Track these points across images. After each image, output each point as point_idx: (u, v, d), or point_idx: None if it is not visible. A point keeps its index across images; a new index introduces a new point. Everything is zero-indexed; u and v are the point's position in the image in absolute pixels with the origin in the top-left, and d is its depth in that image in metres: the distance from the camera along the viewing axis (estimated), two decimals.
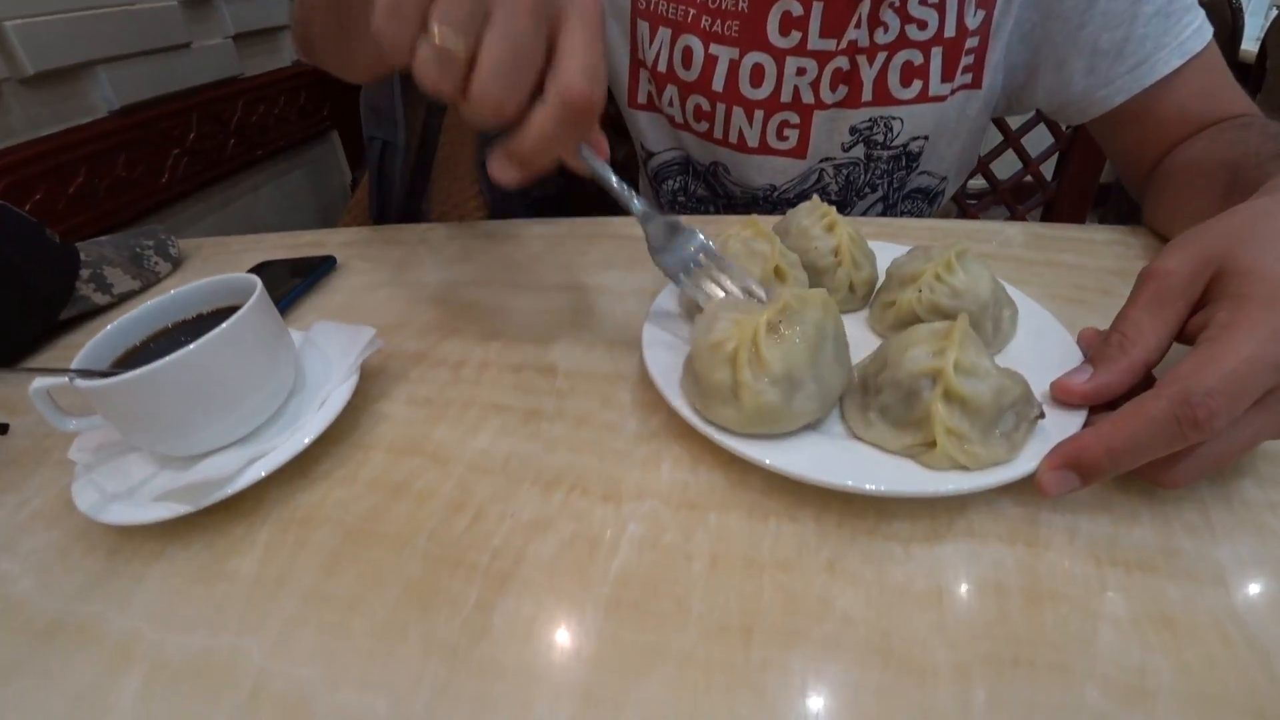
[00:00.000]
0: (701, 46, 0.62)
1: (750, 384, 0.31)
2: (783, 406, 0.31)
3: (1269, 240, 0.30)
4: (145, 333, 0.38)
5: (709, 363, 0.32)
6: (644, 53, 0.65)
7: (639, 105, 0.70)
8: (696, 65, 0.62)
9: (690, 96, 0.65)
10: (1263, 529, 0.29)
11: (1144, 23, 0.53)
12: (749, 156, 0.66)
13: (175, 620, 0.29)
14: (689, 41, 0.62)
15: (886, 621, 0.26)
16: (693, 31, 0.61)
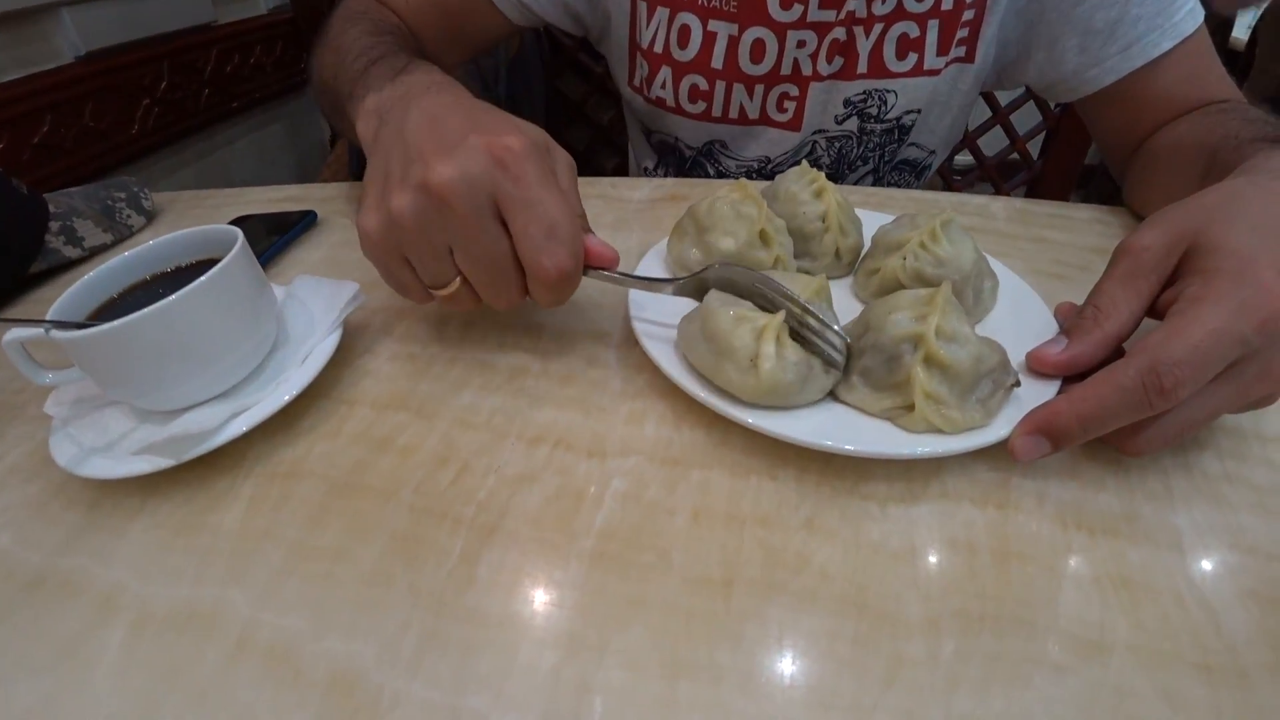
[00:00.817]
0: (700, 24, 0.61)
1: (771, 357, 0.31)
2: (796, 387, 0.31)
3: (1238, 219, 0.31)
4: (123, 284, 0.37)
5: (732, 326, 0.32)
6: (639, 34, 0.64)
7: (635, 87, 0.69)
8: (694, 44, 0.62)
9: (685, 77, 0.64)
10: (1219, 499, 0.31)
11: (1138, 3, 0.53)
12: (748, 128, 0.66)
13: (159, 572, 0.29)
14: (687, 20, 0.61)
15: (862, 576, 0.27)
16: (690, 9, 0.60)
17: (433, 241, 0.33)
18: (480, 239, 0.32)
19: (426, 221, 0.32)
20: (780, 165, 0.69)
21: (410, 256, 0.34)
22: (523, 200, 0.32)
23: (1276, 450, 0.33)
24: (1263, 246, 0.29)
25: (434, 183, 0.31)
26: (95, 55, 0.96)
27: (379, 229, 0.33)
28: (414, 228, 0.32)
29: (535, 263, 0.32)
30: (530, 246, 0.32)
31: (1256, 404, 0.30)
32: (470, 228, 0.32)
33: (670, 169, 0.76)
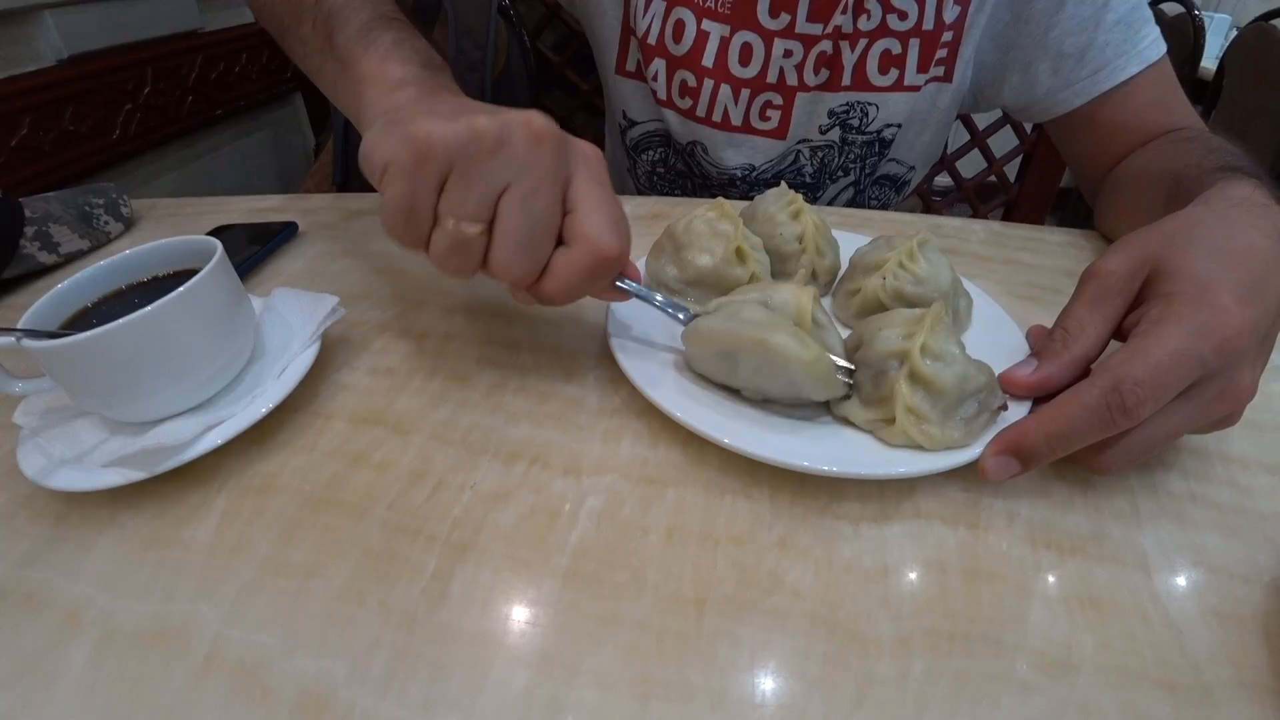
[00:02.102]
0: (694, 20, 0.62)
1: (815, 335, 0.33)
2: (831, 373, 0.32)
3: (1198, 245, 0.32)
4: (98, 293, 0.37)
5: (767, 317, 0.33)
6: (635, 21, 0.65)
7: (626, 73, 0.69)
8: (688, 39, 0.63)
9: (678, 71, 0.65)
10: (1183, 518, 0.32)
11: (1106, 30, 0.55)
12: (730, 134, 0.67)
13: (127, 587, 0.28)
14: (682, 14, 0.62)
15: (833, 596, 0.28)
16: (687, 4, 0.62)
17: (498, 169, 0.30)
18: (546, 191, 0.31)
19: (507, 147, 0.30)
20: (764, 173, 0.70)
21: (456, 178, 0.30)
22: (600, 184, 0.32)
23: (1240, 471, 0.34)
24: (1220, 271, 0.30)
25: (534, 122, 0.30)
26: (78, 59, 0.95)
27: (451, 136, 0.29)
28: (491, 148, 0.29)
29: (599, 237, 0.31)
30: (600, 220, 0.32)
31: (1218, 424, 0.32)
32: (545, 174, 0.31)
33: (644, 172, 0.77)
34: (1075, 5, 0.56)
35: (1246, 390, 0.30)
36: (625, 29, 0.67)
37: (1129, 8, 0.55)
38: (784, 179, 0.69)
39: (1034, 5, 0.57)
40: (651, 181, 0.77)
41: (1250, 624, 0.27)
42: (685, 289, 0.41)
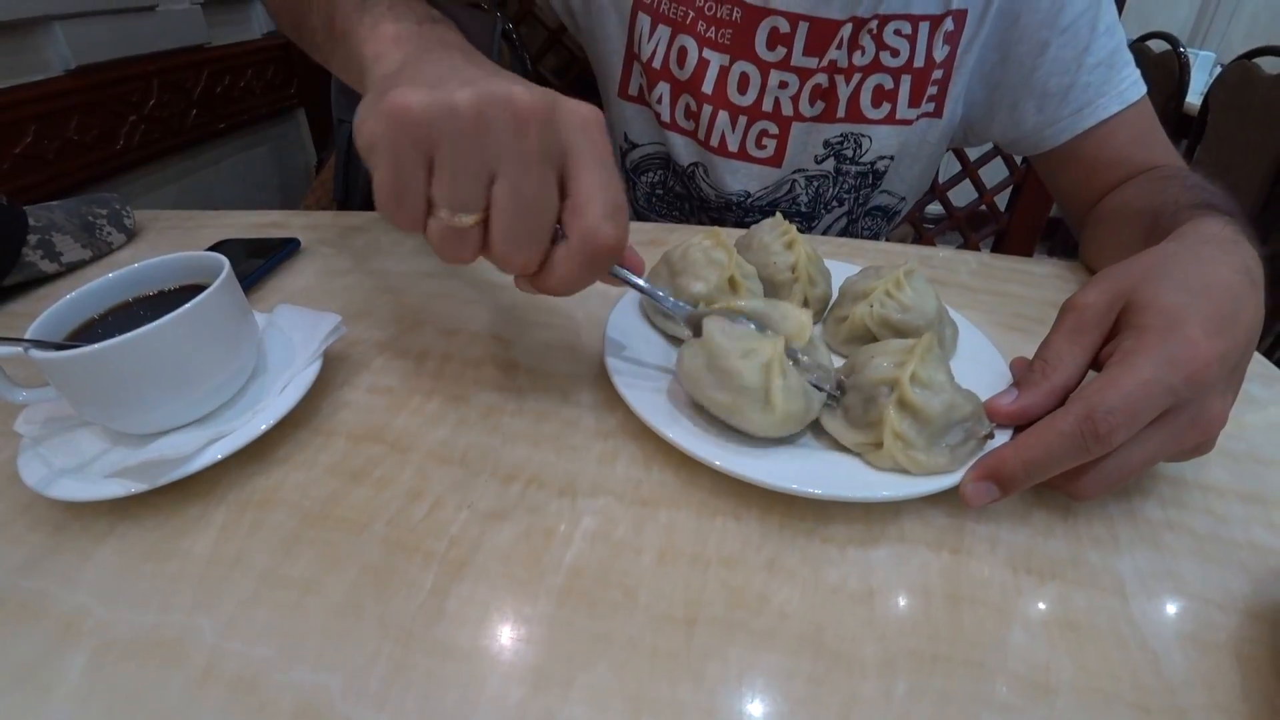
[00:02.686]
0: (696, 48, 0.64)
1: (781, 390, 0.33)
2: (805, 411, 0.33)
3: (1169, 279, 0.34)
4: (105, 305, 0.37)
5: (743, 366, 0.33)
6: (640, 47, 0.67)
7: (629, 97, 0.71)
8: (690, 65, 0.65)
9: (681, 95, 0.67)
10: (1160, 545, 0.33)
11: (1088, 71, 0.58)
12: (728, 160, 0.69)
13: (125, 597, 0.29)
14: (685, 42, 0.64)
15: (820, 617, 0.28)
16: (690, 33, 0.64)
17: (482, 155, 0.28)
18: (538, 177, 0.29)
19: (488, 130, 0.27)
20: (760, 200, 0.72)
21: (441, 159, 0.28)
22: (599, 163, 0.29)
23: (1216, 499, 0.36)
24: (1191, 305, 0.32)
25: (518, 97, 0.27)
26: (85, 69, 0.96)
27: (427, 109, 0.27)
28: (473, 126, 0.27)
29: (597, 227, 0.29)
30: (598, 208, 0.29)
31: (1192, 452, 0.33)
32: (534, 160, 0.28)
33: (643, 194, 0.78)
34: (1058, 48, 0.58)
35: (1217, 419, 0.31)
36: (629, 53, 0.68)
37: (1109, 50, 0.58)
38: (779, 207, 0.71)
39: (1019, 47, 0.60)
40: (650, 203, 0.79)
41: (1224, 649, 0.28)
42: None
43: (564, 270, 0.31)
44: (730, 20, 0.63)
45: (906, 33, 0.61)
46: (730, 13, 0.62)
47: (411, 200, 0.29)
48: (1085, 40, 0.58)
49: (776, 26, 0.62)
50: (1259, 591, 0.31)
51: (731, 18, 0.63)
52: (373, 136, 0.28)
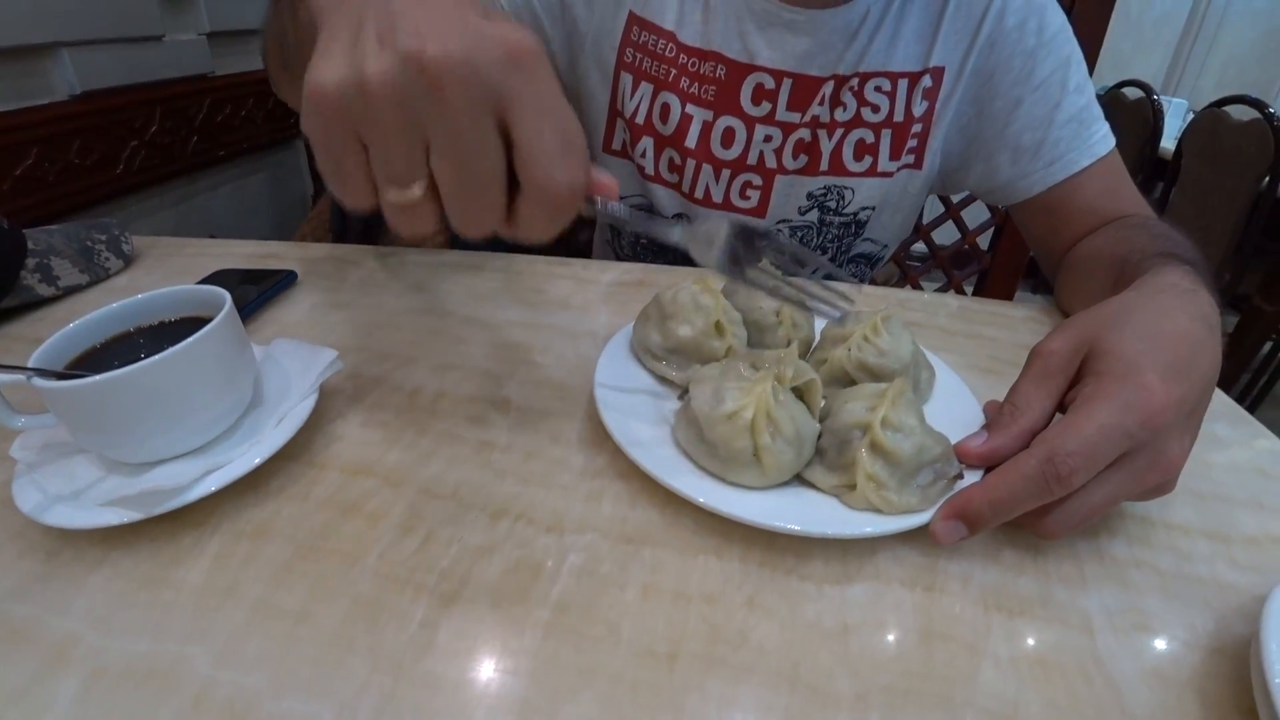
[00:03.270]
0: (679, 104, 0.66)
1: (771, 447, 0.34)
2: (796, 461, 0.35)
3: (1128, 327, 0.35)
4: (105, 334, 0.38)
5: (728, 432, 0.34)
6: (623, 104, 0.69)
7: (613, 151, 0.73)
8: (673, 121, 0.66)
9: (665, 150, 0.69)
10: (1127, 582, 0.34)
11: (1059, 127, 0.61)
12: (712, 211, 0.70)
13: (117, 625, 0.29)
14: (668, 98, 0.66)
15: (797, 653, 0.29)
16: (673, 90, 0.66)
17: (407, 128, 0.26)
18: (473, 140, 0.26)
19: (407, 101, 0.25)
20: None
21: (369, 139, 0.26)
22: (537, 106, 0.26)
23: (1181, 537, 0.37)
24: (1148, 352, 0.33)
25: (430, 56, 0.24)
26: (90, 95, 0.98)
27: (341, 88, 0.25)
28: (388, 102, 0.25)
29: (548, 178, 0.27)
30: (544, 158, 0.27)
31: (1153, 492, 0.34)
32: (463, 123, 0.25)
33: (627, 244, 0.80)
34: (1031, 104, 0.61)
35: (1175, 461, 0.33)
36: (612, 110, 0.70)
37: (1080, 107, 0.61)
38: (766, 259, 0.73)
39: (994, 103, 0.63)
40: (635, 252, 0.80)
41: (1187, 685, 0.29)
42: (667, 355, 0.44)
43: (529, 222, 0.29)
44: (714, 77, 0.65)
45: (886, 89, 0.64)
46: (714, 69, 0.64)
47: (355, 181, 0.27)
48: (1056, 98, 0.61)
49: (761, 82, 0.64)
50: (1222, 628, 0.32)
51: (715, 74, 0.65)
52: (305, 120, 0.27)
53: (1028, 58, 0.61)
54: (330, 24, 0.27)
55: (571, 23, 0.67)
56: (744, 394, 0.35)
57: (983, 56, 0.63)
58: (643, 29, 0.65)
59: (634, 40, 0.65)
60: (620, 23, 0.65)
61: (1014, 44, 0.62)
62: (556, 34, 0.68)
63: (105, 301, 0.38)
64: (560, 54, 0.70)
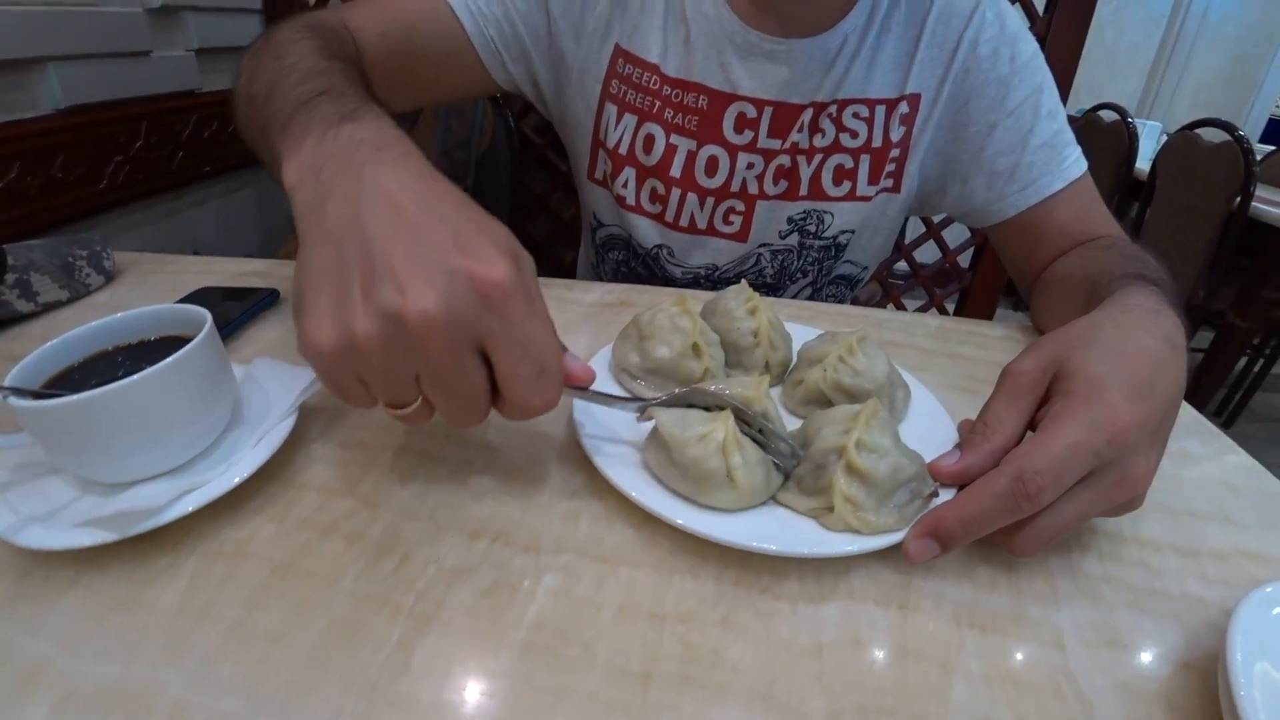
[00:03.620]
0: (664, 135, 0.67)
1: (743, 466, 0.35)
2: (766, 483, 0.35)
3: (1095, 347, 0.36)
4: (84, 353, 0.38)
5: (700, 453, 0.35)
6: (605, 134, 0.69)
7: (595, 180, 0.74)
8: (658, 152, 0.68)
9: (647, 180, 0.70)
10: (1098, 598, 0.35)
11: (1033, 152, 0.63)
12: (695, 236, 0.71)
13: (89, 648, 0.29)
14: (652, 129, 0.67)
15: (770, 672, 0.30)
16: (657, 121, 0.67)
17: (400, 370, 0.30)
18: (456, 374, 0.30)
19: (395, 352, 0.28)
20: (727, 272, 0.74)
21: (366, 378, 0.30)
22: (512, 341, 0.30)
23: (1152, 553, 0.38)
24: (1113, 372, 0.34)
25: (411, 315, 0.27)
26: (76, 110, 0.98)
27: (336, 350, 0.29)
28: (381, 356, 0.28)
29: (525, 402, 0.31)
30: (521, 387, 0.31)
31: (1121, 508, 0.35)
32: (447, 365, 0.29)
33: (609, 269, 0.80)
34: (1005, 130, 0.63)
35: (1142, 478, 0.34)
36: (595, 140, 0.71)
37: (1053, 132, 0.63)
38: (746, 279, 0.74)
39: (969, 128, 0.65)
40: (617, 278, 0.81)
41: (1157, 698, 0.30)
42: (645, 375, 0.45)
43: (511, 418, 0.33)
44: (697, 107, 0.66)
45: (864, 116, 0.65)
46: (697, 100, 0.66)
47: (360, 399, 0.32)
48: (1030, 123, 0.63)
49: (743, 111, 0.66)
50: (1191, 642, 0.32)
51: (698, 105, 0.66)
52: (304, 357, 0.30)
53: (1001, 85, 0.63)
54: (312, 253, 0.30)
55: (559, 54, 0.68)
56: (711, 421, 0.36)
57: (958, 83, 0.65)
58: (628, 62, 0.66)
59: (619, 73, 0.67)
60: (606, 56, 0.66)
61: (988, 71, 0.63)
62: (543, 66, 0.69)
63: (85, 318, 0.38)
64: (547, 86, 0.71)
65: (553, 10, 0.65)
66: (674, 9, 0.65)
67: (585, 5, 0.65)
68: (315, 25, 0.52)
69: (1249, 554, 0.39)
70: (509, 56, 0.67)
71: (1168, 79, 3.30)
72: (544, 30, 0.66)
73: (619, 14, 0.65)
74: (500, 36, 0.65)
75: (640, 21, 0.65)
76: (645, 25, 0.65)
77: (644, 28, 0.65)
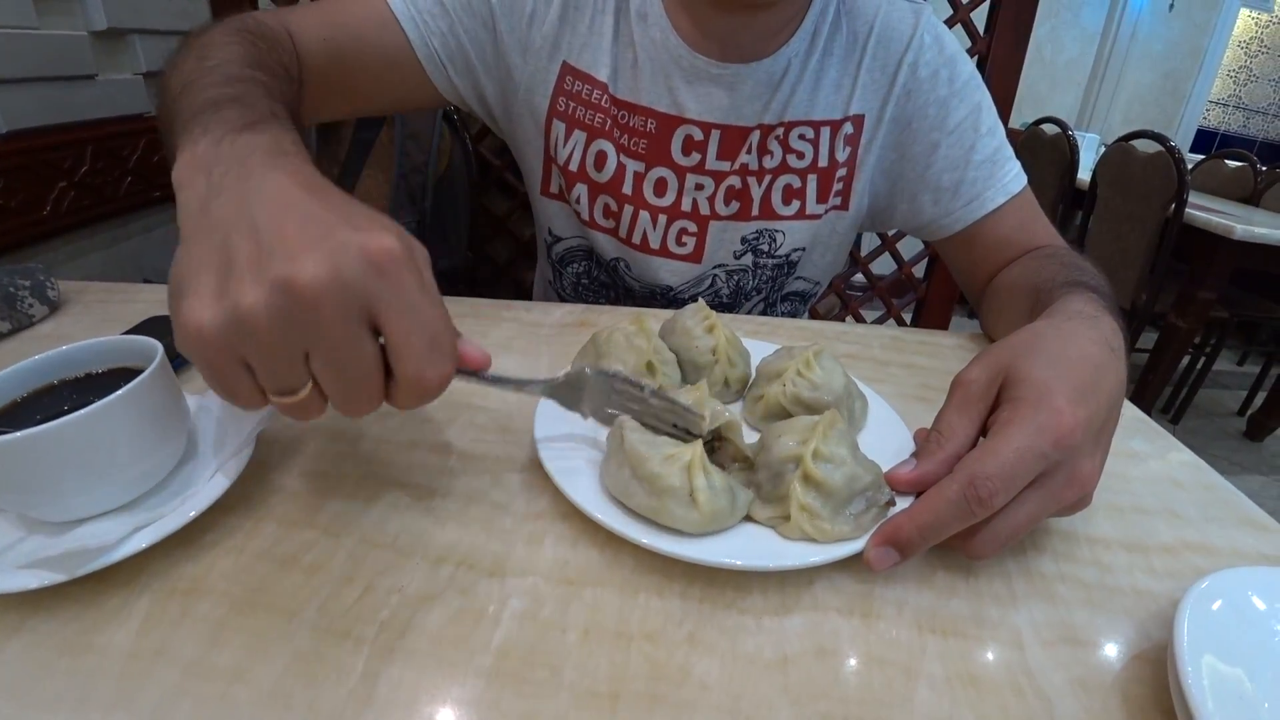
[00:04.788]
0: (615, 153, 0.68)
1: (705, 489, 0.34)
2: (729, 510, 0.35)
3: (1039, 354, 0.38)
4: (27, 387, 0.37)
5: (665, 470, 0.35)
6: (556, 151, 0.70)
7: (550, 194, 0.74)
8: (609, 169, 0.68)
9: (600, 196, 0.70)
10: (1054, 597, 0.36)
11: (975, 168, 0.65)
12: (649, 257, 0.72)
13: (35, 696, 0.28)
14: (603, 146, 0.68)
15: (737, 686, 0.30)
16: (607, 138, 0.67)
17: (288, 346, 0.28)
18: (349, 347, 0.29)
19: (285, 325, 0.27)
20: (682, 292, 0.75)
21: (253, 360, 0.28)
22: (403, 308, 0.29)
23: (1103, 550, 0.39)
24: (1057, 378, 0.36)
25: (301, 281, 0.26)
26: (16, 135, 0.95)
27: (218, 327, 0.27)
28: (267, 330, 0.27)
29: (418, 374, 0.30)
30: (413, 358, 0.30)
31: (1072, 508, 0.36)
32: (339, 336, 0.28)
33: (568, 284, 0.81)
34: (947, 148, 0.66)
35: (1089, 477, 0.35)
36: (547, 156, 0.71)
37: (993, 149, 0.66)
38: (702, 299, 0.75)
39: (913, 147, 0.67)
40: (576, 292, 0.81)
41: (1112, 690, 0.31)
42: None
43: (404, 403, 0.32)
44: (645, 130, 0.67)
45: (810, 137, 0.67)
46: (645, 124, 0.67)
47: (244, 395, 0.30)
48: (970, 140, 0.65)
49: (690, 134, 0.67)
50: (1142, 634, 0.34)
51: (646, 128, 0.67)
52: (182, 348, 0.28)
53: (941, 105, 0.66)
54: (193, 245, 0.29)
55: (505, 70, 0.68)
56: (679, 445, 0.37)
57: (899, 105, 0.67)
58: (576, 78, 0.67)
59: (567, 89, 0.67)
60: (554, 73, 0.67)
61: (928, 92, 0.66)
62: (489, 81, 0.69)
63: (29, 351, 0.37)
64: (494, 102, 0.71)
65: (499, 26, 0.65)
66: (623, 32, 0.66)
67: (532, 22, 0.65)
68: (251, 30, 0.51)
69: (1193, 546, 0.41)
70: (453, 70, 0.67)
71: (1103, 93, 3.47)
72: (489, 45, 0.66)
73: (567, 32, 0.66)
74: (445, 49, 0.65)
75: (589, 41, 0.66)
76: (594, 45, 0.66)
77: (592, 47, 0.66)
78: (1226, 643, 0.30)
